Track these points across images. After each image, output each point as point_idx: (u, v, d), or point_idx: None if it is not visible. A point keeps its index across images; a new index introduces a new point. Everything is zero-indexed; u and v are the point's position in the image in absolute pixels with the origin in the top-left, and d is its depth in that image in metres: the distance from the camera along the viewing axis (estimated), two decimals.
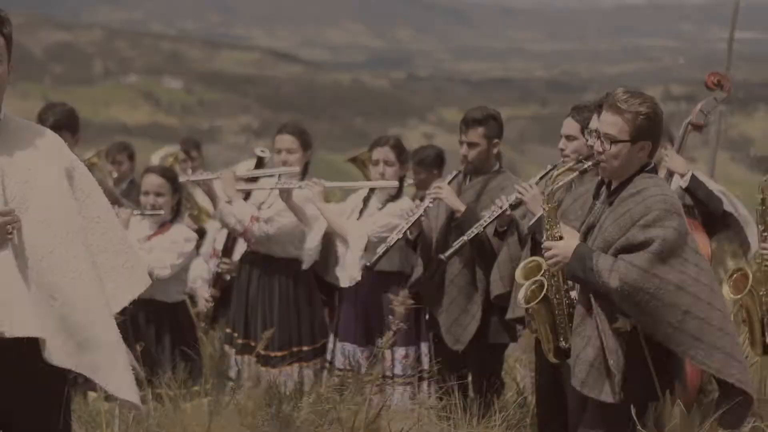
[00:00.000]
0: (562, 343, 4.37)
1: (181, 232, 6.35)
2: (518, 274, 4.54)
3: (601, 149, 4.18)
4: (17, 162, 3.43)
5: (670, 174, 5.60)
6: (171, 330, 6.33)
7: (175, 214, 6.41)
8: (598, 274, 4.05)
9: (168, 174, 6.44)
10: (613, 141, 4.14)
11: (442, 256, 5.59)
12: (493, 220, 5.47)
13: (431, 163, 7.29)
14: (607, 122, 4.17)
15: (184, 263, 6.36)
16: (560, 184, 4.41)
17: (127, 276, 3.58)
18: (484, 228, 5.50)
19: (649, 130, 4.14)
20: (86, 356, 3.36)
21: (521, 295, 4.44)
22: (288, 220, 6.30)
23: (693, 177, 5.55)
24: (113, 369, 3.41)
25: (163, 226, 6.35)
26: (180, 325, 6.40)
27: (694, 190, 5.54)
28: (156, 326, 6.30)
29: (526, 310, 4.50)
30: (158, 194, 6.30)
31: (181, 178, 6.74)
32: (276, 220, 6.34)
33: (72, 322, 3.36)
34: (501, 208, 5.42)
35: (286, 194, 6.18)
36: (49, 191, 3.43)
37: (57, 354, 3.33)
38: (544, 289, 4.35)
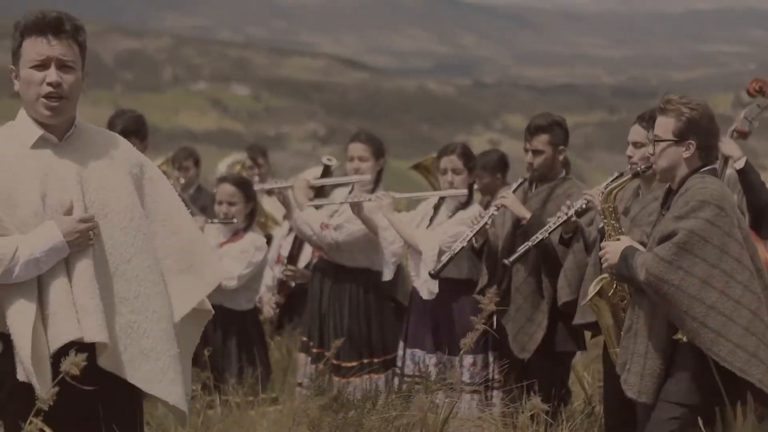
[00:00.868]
0: None
1: (252, 241, 6.36)
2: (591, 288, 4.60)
3: (652, 151, 4.25)
4: (93, 168, 3.46)
5: (725, 160, 5.56)
6: (238, 338, 6.35)
7: (249, 223, 6.42)
8: (634, 270, 4.08)
9: (241, 183, 6.46)
10: (659, 141, 4.21)
11: (506, 261, 5.56)
12: (558, 226, 5.43)
13: (494, 166, 7.27)
14: (656, 124, 4.26)
15: (253, 272, 6.36)
16: (618, 182, 4.51)
17: (193, 280, 3.58)
18: (549, 234, 5.46)
19: (693, 129, 4.17)
20: (146, 366, 3.38)
21: (590, 291, 4.51)
22: (357, 227, 6.31)
23: (748, 161, 5.52)
24: (174, 381, 3.43)
25: (236, 234, 6.37)
26: (247, 332, 6.40)
27: (749, 172, 5.48)
28: (223, 333, 6.32)
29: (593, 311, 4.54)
30: (231, 203, 6.33)
31: (255, 187, 6.78)
32: (346, 228, 6.35)
33: (140, 332, 3.39)
34: (566, 214, 5.38)
35: (356, 208, 6.19)
36: (125, 197, 3.47)
37: (114, 361, 3.36)
38: (601, 284, 4.39)
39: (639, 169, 4.54)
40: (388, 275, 6.28)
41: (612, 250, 4.30)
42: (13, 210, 3.34)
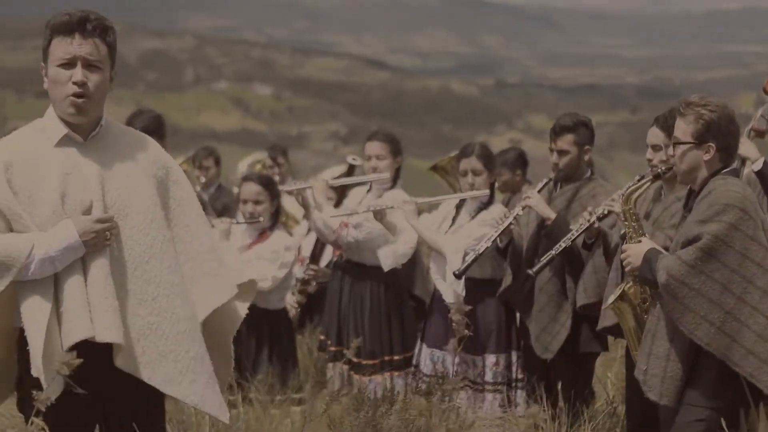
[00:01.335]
0: None
1: (282, 240, 6.34)
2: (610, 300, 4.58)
3: (672, 154, 4.24)
4: (117, 168, 3.46)
5: (743, 161, 5.53)
6: (270, 337, 6.34)
7: (275, 221, 6.42)
8: (657, 273, 4.07)
9: (266, 181, 6.45)
10: (678, 143, 4.19)
11: (530, 271, 5.53)
12: (581, 233, 5.41)
13: (513, 163, 7.28)
14: (676, 126, 4.23)
15: (287, 273, 6.36)
16: (637, 185, 4.50)
17: (214, 284, 3.56)
18: (572, 241, 5.44)
19: (713, 132, 4.14)
20: (164, 367, 3.37)
21: (611, 299, 4.49)
22: (376, 226, 6.32)
23: (766, 162, 5.49)
24: (194, 382, 3.40)
25: (262, 234, 6.36)
26: (279, 332, 6.41)
27: (767, 173, 5.46)
28: (256, 333, 6.32)
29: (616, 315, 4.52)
30: (257, 202, 6.31)
31: None
32: (365, 226, 6.36)
33: (158, 333, 3.38)
34: (588, 221, 5.36)
35: (380, 215, 6.20)
36: (147, 199, 3.46)
37: (131, 362, 3.35)
38: (622, 289, 4.38)
39: (660, 171, 4.52)
40: (386, 266, 6.27)
41: (634, 253, 4.29)
42: (33, 208, 3.35)
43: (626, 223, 4.43)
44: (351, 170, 6.98)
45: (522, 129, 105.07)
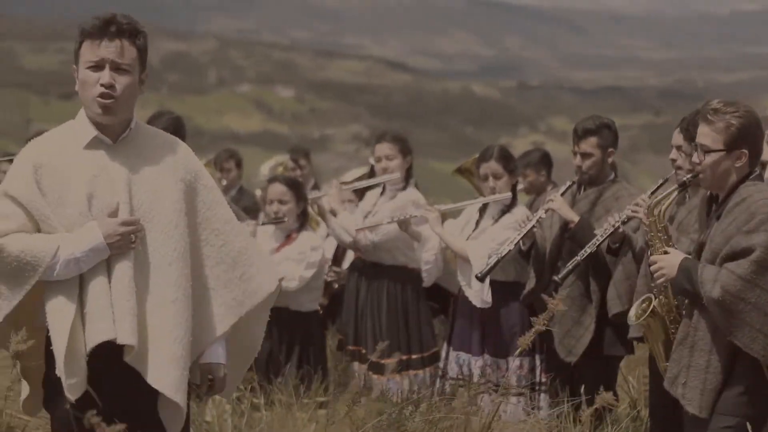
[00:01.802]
0: None
1: (308, 241, 6.33)
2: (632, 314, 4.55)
3: (698, 160, 4.16)
4: (145, 171, 3.48)
5: (763, 165, 5.49)
6: (301, 339, 6.34)
7: (302, 223, 6.42)
8: (702, 285, 4.01)
9: (292, 182, 6.45)
10: (708, 151, 4.12)
11: (556, 278, 5.50)
12: (606, 238, 5.38)
13: (538, 163, 7.28)
14: (702, 133, 4.15)
15: (314, 273, 6.33)
16: (660, 198, 4.45)
17: (242, 289, 3.57)
18: (597, 246, 5.41)
19: (743, 138, 4.09)
20: (172, 373, 3.37)
21: (632, 312, 4.45)
22: (393, 227, 6.33)
23: None
24: (185, 390, 3.41)
25: (289, 236, 6.36)
26: (311, 334, 6.40)
27: None
28: (287, 335, 6.32)
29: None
30: (282, 202, 6.31)
31: None
32: (381, 228, 6.37)
33: (172, 338, 3.38)
34: (613, 226, 5.33)
35: (404, 225, 6.21)
36: (173, 203, 3.48)
37: (142, 363, 3.37)
38: (652, 304, 4.31)
39: (686, 180, 4.45)
40: (428, 281, 6.34)
41: (667, 264, 4.22)
42: (61, 209, 3.40)
43: (651, 233, 4.35)
44: (372, 172, 7.00)
45: (544, 131, 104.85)
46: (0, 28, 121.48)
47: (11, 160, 6.42)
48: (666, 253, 4.27)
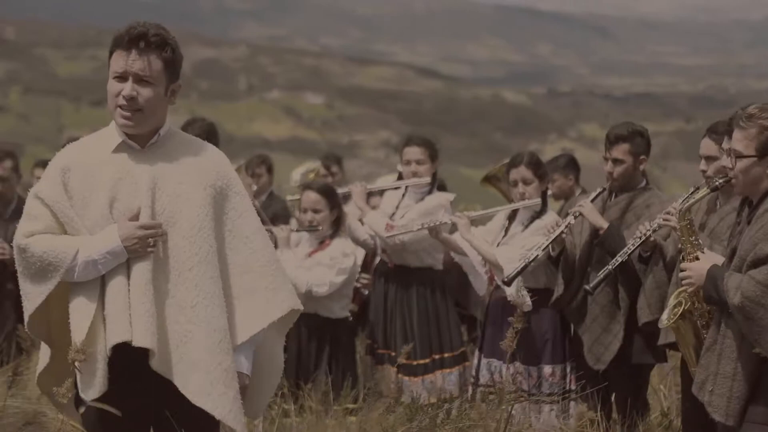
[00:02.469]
0: None
1: (341, 247, 6.34)
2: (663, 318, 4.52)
3: (731, 165, 4.13)
4: (171, 176, 3.50)
5: None
6: (330, 346, 6.34)
7: (336, 229, 6.42)
8: (727, 293, 3.98)
9: (325, 190, 6.45)
10: (740, 156, 4.08)
11: (587, 288, 5.45)
12: (637, 247, 5.35)
13: (565, 168, 7.28)
14: (735, 138, 4.12)
15: (345, 280, 6.35)
16: (691, 201, 4.42)
17: (267, 299, 3.56)
18: (629, 256, 5.38)
19: None
20: (196, 377, 3.38)
21: (664, 315, 4.41)
22: (420, 227, 6.33)
23: None
24: (223, 395, 3.39)
25: (323, 242, 6.37)
26: (340, 341, 6.41)
27: None
28: (317, 341, 6.32)
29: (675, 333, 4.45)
30: (316, 210, 6.32)
31: None
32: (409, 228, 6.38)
33: (194, 342, 3.39)
34: (644, 235, 5.30)
35: (434, 231, 6.21)
36: (198, 208, 3.49)
37: (167, 368, 3.39)
38: (682, 307, 4.29)
39: (717, 183, 4.42)
40: (482, 289, 6.31)
41: (696, 271, 4.19)
42: (85, 211, 3.45)
43: (683, 238, 4.33)
44: (401, 178, 7.01)
45: (574, 138, 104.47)
46: (34, 36, 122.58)
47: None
48: (697, 259, 4.25)
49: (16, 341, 6.47)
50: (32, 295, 3.45)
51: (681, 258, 4.38)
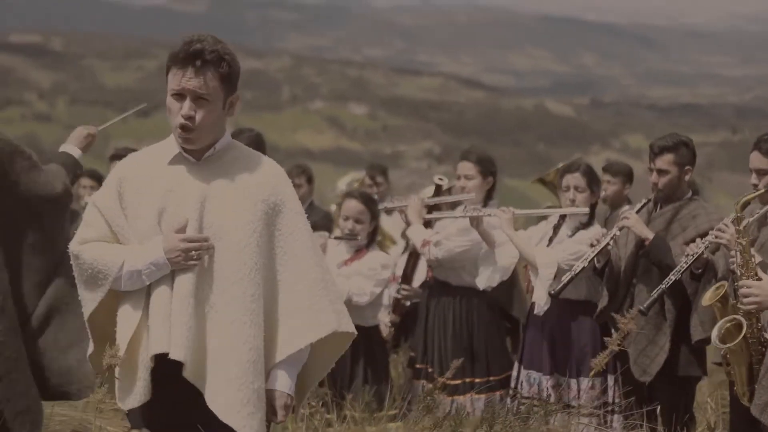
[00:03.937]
0: None
1: (379, 258, 6.33)
2: (707, 297, 4.42)
3: None
4: (223, 190, 3.50)
5: None
6: (365, 353, 6.34)
7: (371, 240, 6.42)
8: None
9: (368, 200, 6.43)
10: None
11: (641, 308, 5.36)
12: (690, 265, 5.30)
13: (625, 174, 7.20)
14: None
15: (382, 291, 6.37)
16: (752, 219, 4.33)
17: (311, 319, 3.52)
18: (681, 274, 5.32)
19: None
20: (227, 394, 3.37)
21: (715, 334, 4.31)
22: (456, 244, 6.30)
23: None
24: (252, 416, 3.38)
25: (359, 251, 6.36)
26: (373, 348, 6.41)
27: None
28: (351, 349, 6.32)
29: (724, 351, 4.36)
30: (357, 220, 6.28)
31: None
32: (444, 244, 6.35)
33: (230, 358, 3.38)
34: (697, 252, 5.24)
35: (476, 221, 6.17)
36: (247, 224, 3.47)
37: (200, 380, 3.39)
38: (743, 330, 4.20)
39: (762, 190, 4.35)
40: (483, 283, 6.24)
41: (762, 292, 4.12)
42: (135, 221, 3.48)
43: (744, 254, 4.23)
44: (438, 190, 6.99)
45: (618, 148, 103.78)
46: (80, 48, 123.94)
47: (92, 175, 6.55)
48: (759, 279, 4.15)
49: None
50: (86, 301, 3.51)
51: (737, 274, 4.29)
